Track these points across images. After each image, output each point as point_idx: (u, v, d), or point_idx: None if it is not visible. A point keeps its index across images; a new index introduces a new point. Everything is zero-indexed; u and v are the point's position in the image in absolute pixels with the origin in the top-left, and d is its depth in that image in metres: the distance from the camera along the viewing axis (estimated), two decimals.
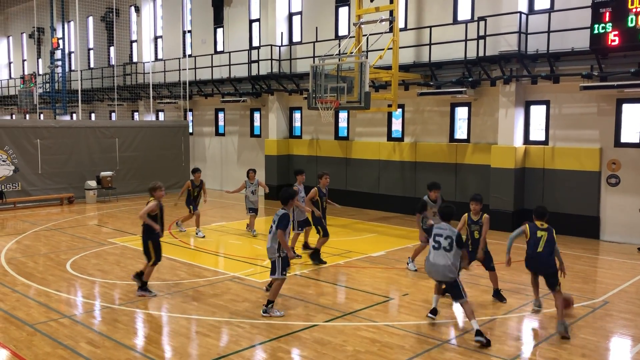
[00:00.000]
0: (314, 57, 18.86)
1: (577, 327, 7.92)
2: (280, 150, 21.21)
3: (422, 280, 10.18)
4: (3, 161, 18.56)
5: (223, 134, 24.21)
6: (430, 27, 16.26)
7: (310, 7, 20.39)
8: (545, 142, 15.02)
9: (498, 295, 9.14)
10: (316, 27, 19.67)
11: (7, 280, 10.08)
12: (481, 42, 15.07)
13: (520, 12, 14.40)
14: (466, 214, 9.19)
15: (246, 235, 14.36)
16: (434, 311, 8.07)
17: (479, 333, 7.19)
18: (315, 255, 11.34)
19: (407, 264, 10.97)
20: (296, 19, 21.05)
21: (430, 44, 16.24)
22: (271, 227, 8.23)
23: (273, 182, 21.18)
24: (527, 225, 8.03)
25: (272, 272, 8.26)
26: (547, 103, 14.94)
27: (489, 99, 15.90)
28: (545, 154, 14.85)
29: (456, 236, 7.54)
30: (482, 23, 14.96)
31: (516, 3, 14.53)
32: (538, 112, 15.22)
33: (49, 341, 7.21)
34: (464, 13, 16.36)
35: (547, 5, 14.69)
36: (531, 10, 14.87)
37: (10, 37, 40.17)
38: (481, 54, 15.10)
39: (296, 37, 21.07)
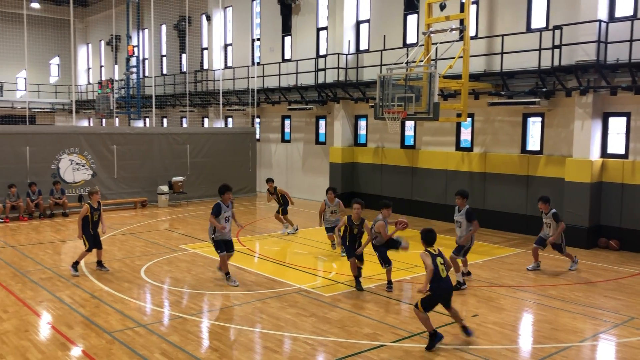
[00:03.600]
0: (381, 65, 18.78)
1: None
2: (345, 157, 21.25)
3: (492, 301, 9.95)
4: (82, 166, 19.54)
5: (289, 141, 24.51)
6: (502, 35, 15.85)
7: (379, 15, 20.31)
8: (625, 156, 14.32)
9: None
10: (384, 35, 19.58)
11: (87, 285, 10.60)
12: (556, 51, 14.55)
13: (600, 20, 13.79)
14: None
15: (311, 245, 14.46)
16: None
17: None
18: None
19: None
20: (364, 27, 21.02)
21: (502, 53, 15.83)
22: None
23: (337, 189, 21.22)
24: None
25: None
26: (627, 115, 14.24)
27: (564, 110, 15.32)
28: (625, 168, 14.14)
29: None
30: (557, 32, 14.44)
31: (595, 11, 13.93)
32: (617, 125, 14.53)
33: (126, 350, 7.52)
34: (538, 21, 15.85)
35: (630, 13, 14.00)
36: (612, 18, 14.22)
37: (90, 44, 42.23)
38: (556, 63, 14.58)
39: (363, 45, 21.04)
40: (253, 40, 26.05)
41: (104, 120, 32.98)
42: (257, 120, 25.92)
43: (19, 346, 7.64)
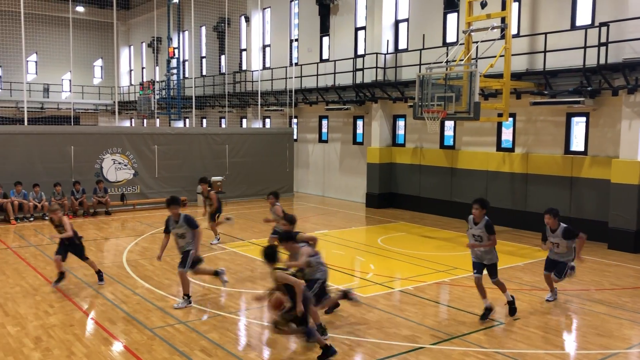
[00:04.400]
0: (420, 64, 18.59)
1: None
2: (382, 158, 21.11)
3: (535, 304, 9.72)
4: (124, 165, 19.97)
5: (326, 141, 24.51)
6: (545, 33, 15.48)
7: (418, 14, 20.12)
8: None
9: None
10: (423, 34, 19.38)
11: (129, 282, 10.82)
12: (602, 49, 14.13)
13: None
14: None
15: (349, 246, 14.41)
16: None
17: None
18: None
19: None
20: (402, 26, 20.85)
21: (545, 51, 15.47)
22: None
23: (375, 190, 21.18)
24: None
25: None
26: None
27: (610, 109, 14.87)
28: None
29: None
30: (603, 29, 14.02)
31: None
32: None
33: (166, 347, 7.64)
34: (583, 18, 15.42)
35: None
36: None
37: (132, 46, 43.18)
38: (602, 61, 14.15)
39: (402, 45, 20.88)
40: (291, 41, 26.16)
41: (145, 120, 33.65)
42: (295, 120, 26.01)
43: (65, 340, 7.84)
